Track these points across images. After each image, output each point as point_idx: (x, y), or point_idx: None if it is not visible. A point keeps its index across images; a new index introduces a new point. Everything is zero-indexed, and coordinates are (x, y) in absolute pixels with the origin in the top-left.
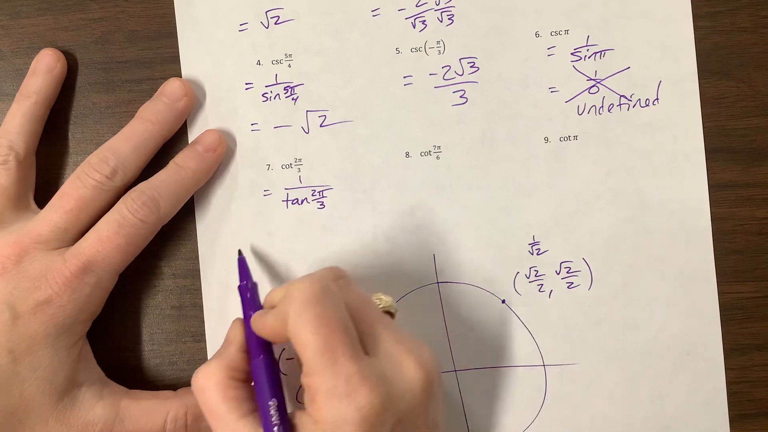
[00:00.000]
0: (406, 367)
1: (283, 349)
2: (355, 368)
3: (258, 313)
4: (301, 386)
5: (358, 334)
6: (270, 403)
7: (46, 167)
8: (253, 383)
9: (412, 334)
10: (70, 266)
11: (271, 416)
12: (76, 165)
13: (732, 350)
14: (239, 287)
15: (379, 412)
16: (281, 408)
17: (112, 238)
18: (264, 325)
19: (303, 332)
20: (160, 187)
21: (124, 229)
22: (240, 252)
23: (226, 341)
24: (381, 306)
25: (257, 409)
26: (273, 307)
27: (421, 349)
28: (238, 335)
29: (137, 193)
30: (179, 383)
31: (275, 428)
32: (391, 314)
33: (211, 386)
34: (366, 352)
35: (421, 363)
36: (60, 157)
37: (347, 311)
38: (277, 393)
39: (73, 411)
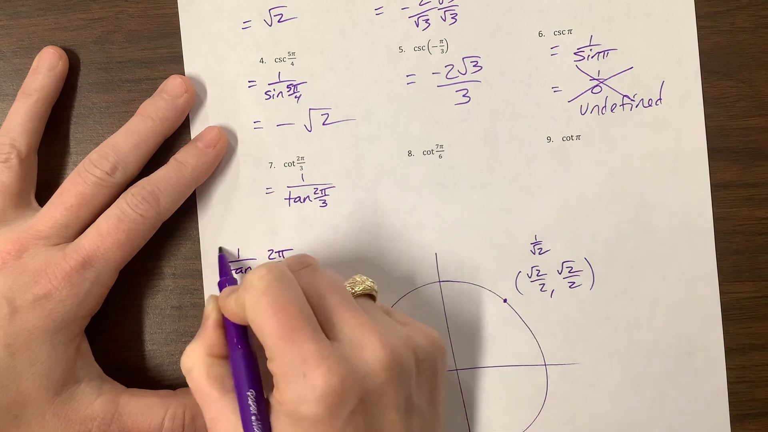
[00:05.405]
0: (367, 348)
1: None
2: (312, 349)
3: (223, 292)
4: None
5: (320, 320)
6: (248, 393)
7: (46, 167)
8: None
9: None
10: (70, 261)
11: (249, 406)
12: (76, 165)
13: (732, 350)
14: (218, 283)
15: (336, 391)
16: (258, 398)
17: (112, 233)
18: (227, 307)
19: (260, 318)
20: (160, 182)
21: (124, 224)
22: (220, 249)
23: (203, 319)
24: (359, 289)
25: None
26: None
27: (393, 331)
28: (213, 312)
29: (137, 188)
30: (179, 383)
31: (252, 418)
32: (372, 296)
33: (194, 366)
34: (328, 337)
35: (384, 343)
36: (60, 157)
37: (310, 297)
38: (254, 384)
39: (71, 405)
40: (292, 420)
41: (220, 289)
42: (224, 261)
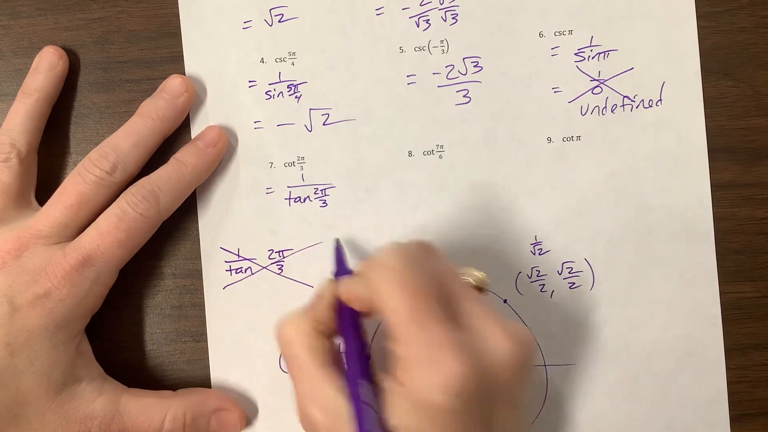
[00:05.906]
0: (496, 340)
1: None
2: (444, 336)
3: (346, 279)
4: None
5: (445, 306)
6: (359, 381)
7: (46, 167)
8: (338, 342)
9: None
10: (70, 260)
11: (361, 395)
12: (76, 165)
13: (732, 350)
14: (335, 273)
15: (466, 381)
16: (368, 390)
17: (111, 232)
18: (350, 292)
19: (391, 299)
20: (160, 181)
21: (124, 223)
22: (337, 240)
23: (317, 296)
24: (472, 281)
25: (339, 362)
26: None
27: (515, 325)
28: (329, 294)
29: (137, 187)
30: (179, 383)
31: (365, 406)
32: (481, 290)
33: (296, 334)
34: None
35: (514, 337)
36: (60, 157)
37: (435, 284)
38: (367, 373)
39: (72, 404)
40: (414, 405)
41: (336, 278)
42: (342, 251)
